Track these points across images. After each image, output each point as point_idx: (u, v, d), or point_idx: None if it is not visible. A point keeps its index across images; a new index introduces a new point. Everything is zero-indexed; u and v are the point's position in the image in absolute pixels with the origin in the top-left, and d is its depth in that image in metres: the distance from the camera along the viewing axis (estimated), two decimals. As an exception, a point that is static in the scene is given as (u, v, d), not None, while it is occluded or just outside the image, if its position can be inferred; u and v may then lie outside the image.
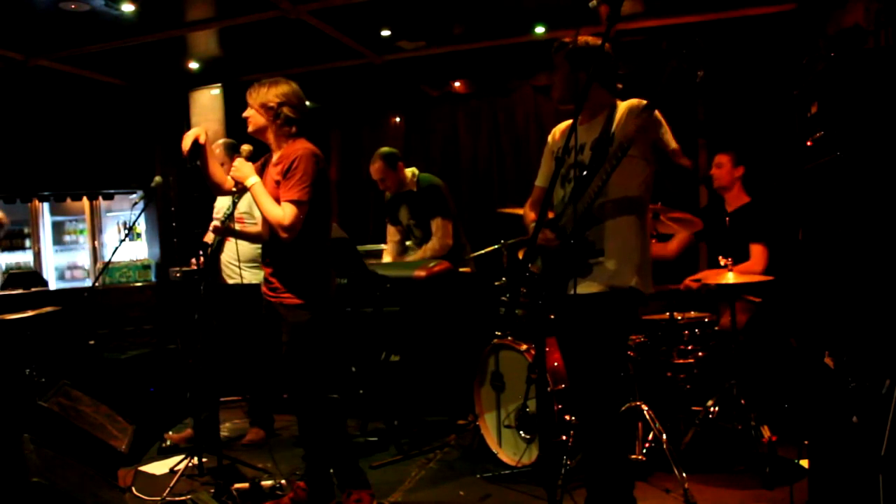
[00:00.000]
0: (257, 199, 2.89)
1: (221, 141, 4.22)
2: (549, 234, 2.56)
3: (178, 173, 5.95)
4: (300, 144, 2.93)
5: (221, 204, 4.29)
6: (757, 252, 3.83)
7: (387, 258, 4.56)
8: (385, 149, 4.29)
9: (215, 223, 3.53)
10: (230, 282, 4.09)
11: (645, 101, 2.41)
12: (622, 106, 2.54)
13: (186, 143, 2.88)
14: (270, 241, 3.00)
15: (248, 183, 2.90)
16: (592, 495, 2.58)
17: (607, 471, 2.53)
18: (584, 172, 2.48)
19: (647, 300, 2.60)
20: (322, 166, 2.91)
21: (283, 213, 2.80)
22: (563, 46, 2.59)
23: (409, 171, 4.31)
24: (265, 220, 2.94)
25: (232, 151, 3.98)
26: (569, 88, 2.58)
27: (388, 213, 4.53)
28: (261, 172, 3.00)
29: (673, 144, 2.52)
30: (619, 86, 2.61)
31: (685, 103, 4.71)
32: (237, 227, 3.62)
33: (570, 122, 2.60)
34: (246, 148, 3.33)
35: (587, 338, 2.54)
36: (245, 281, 4.05)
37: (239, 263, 4.01)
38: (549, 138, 2.81)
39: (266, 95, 2.92)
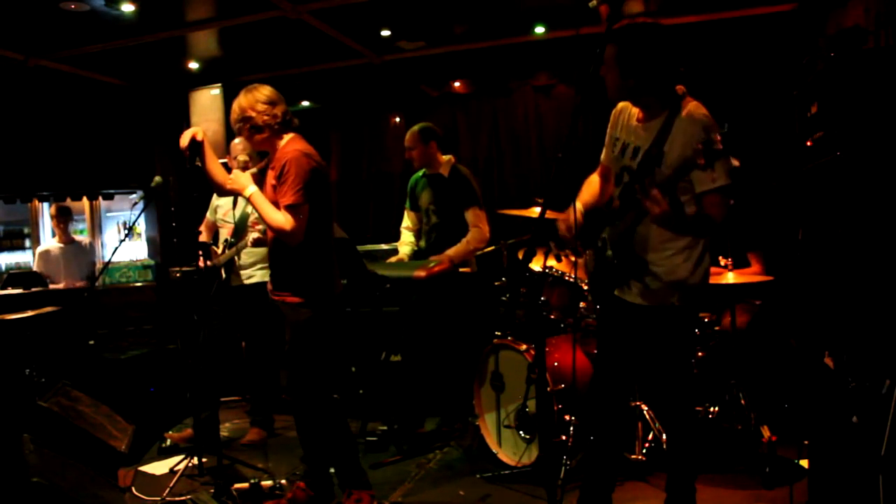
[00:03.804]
0: (257, 208, 2.90)
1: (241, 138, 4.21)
2: (562, 227, 2.47)
3: (177, 173, 5.96)
4: (291, 146, 2.93)
5: (219, 202, 4.30)
6: (756, 260, 3.84)
7: (405, 248, 4.38)
8: (425, 123, 4.25)
9: (255, 235, 3.55)
10: (248, 282, 4.10)
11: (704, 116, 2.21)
12: (683, 114, 2.30)
13: (184, 141, 2.89)
14: (273, 241, 3.02)
15: (246, 193, 2.91)
16: (672, 483, 2.59)
17: (678, 466, 2.55)
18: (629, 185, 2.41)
19: (695, 313, 2.51)
20: (315, 165, 2.90)
21: (285, 218, 2.81)
22: (615, 20, 2.31)
23: (446, 157, 4.27)
24: (266, 224, 2.94)
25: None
26: (620, 89, 2.40)
27: (410, 198, 4.40)
28: (264, 173, 3.02)
29: (711, 184, 2.23)
30: (680, 88, 2.35)
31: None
32: (254, 234, 3.65)
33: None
34: (242, 159, 3.34)
35: (632, 345, 2.52)
36: (255, 281, 4.07)
37: (245, 264, 4.02)
38: (612, 115, 2.60)
39: (241, 107, 2.93)
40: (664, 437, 3.23)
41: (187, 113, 6.00)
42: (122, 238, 3.65)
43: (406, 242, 4.39)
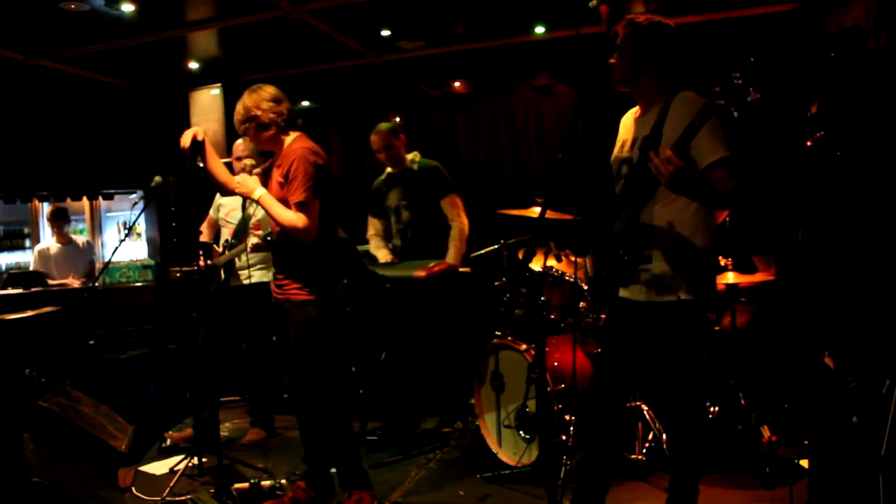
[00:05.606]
0: (268, 209, 2.90)
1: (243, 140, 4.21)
2: None
3: (178, 173, 5.96)
4: (297, 144, 2.94)
5: (223, 201, 4.30)
6: (763, 264, 3.84)
7: (381, 253, 4.36)
8: (385, 123, 4.25)
9: (255, 240, 3.55)
10: (247, 283, 4.10)
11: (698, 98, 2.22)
12: (676, 99, 2.34)
13: (185, 140, 2.89)
14: (278, 239, 3.02)
15: (255, 196, 2.92)
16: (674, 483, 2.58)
17: (683, 468, 2.54)
18: (629, 173, 2.42)
19: (705, 309, 2.47)
20: (322, 162, 2.92)
21: (297, 216, 2.82)
22: (615, 20, 2.44)
23: (411, 155, 4.27)
24: (278, 224, 2.93)
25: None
26: (628, 70, 2.42)
27: (374, 203, 4.39)
28: (268, 173, 3.03)
29: (711, 156, 2.25)
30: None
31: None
32: (254, 239, 3.64)
33: (635, 109, 2.54)
34: (248, 162, 3.35)
35: (637, 346, 2.50)
36: (254, 281, 4.06)
37: (244, 264, 4.03)
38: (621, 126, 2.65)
39: (246, 107, 2.93)
40: (664, 437, 3.23)
41: (187, 113, 6.01)
42: (122, 238, 3.65)
43: (379, 247, 4.36)
